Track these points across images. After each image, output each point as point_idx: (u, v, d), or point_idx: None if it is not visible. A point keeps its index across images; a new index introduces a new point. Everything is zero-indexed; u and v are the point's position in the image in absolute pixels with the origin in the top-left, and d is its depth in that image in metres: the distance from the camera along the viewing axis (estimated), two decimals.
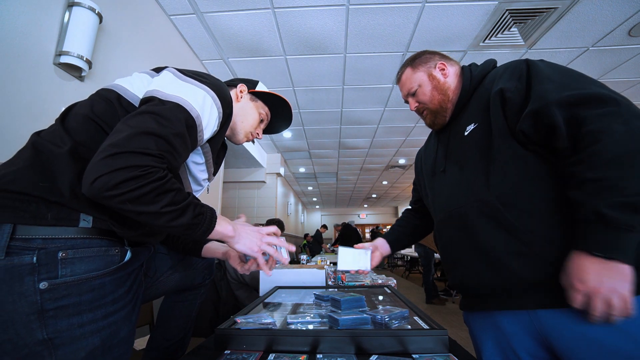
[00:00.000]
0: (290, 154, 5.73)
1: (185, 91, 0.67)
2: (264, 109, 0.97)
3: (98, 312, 0.60)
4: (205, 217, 0.65)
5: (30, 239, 0.55)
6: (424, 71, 0.94)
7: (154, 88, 0.66)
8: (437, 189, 0.95)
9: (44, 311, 0.54)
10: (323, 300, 1.00)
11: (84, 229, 0.60)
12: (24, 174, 0.57)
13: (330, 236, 13.52)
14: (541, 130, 0.68)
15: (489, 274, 0.75)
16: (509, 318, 0.75)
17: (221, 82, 0.79)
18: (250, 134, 0.95)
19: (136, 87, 0.72)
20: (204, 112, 0.69)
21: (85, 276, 0.59)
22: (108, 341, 0.61)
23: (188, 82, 0.70)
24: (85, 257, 0.60)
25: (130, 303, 0.68)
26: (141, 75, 0.75)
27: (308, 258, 3.18)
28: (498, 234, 0.72)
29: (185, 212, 0.61)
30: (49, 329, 0.54)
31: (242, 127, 0.92)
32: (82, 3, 1.34)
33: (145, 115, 0.60)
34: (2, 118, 1.08)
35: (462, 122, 0.87)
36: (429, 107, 0.94)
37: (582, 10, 2.12)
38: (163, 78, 0.70)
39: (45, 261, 0.55)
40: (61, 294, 0.56)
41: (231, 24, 2.26)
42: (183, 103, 0.65)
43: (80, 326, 0.57)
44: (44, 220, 0.57)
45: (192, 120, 0.66)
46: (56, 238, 0.57)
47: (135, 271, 0.71)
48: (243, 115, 0.92)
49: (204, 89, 0.71)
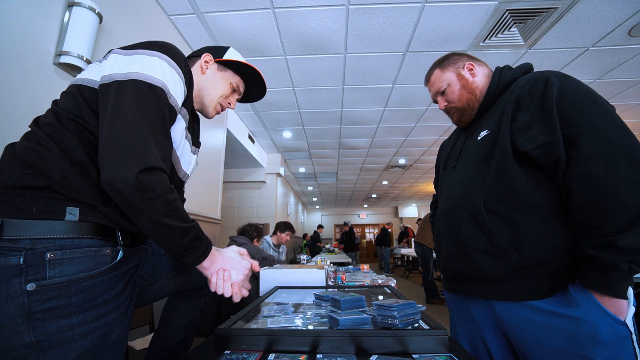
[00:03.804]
0: (290, 154, 5.73)
1: (138, 65, 0.67)
2: (234, 79, 0.93)
3: (88, 314, 0.59)
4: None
5: (17, 239, 0.54)
6: (452, 71, 0.97)
7: (108, 73, 0.66)
8: (445, 182, 1.03)
9: (31, 313, 0.53)
10: (323, 300, 1.00)
11: (72, 227, 0.59)
12: (7, 167, 0.58)
13: (330, 235, 13.53)
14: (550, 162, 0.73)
15: (460, 264, 0.87)
16: (479, 308, 0.87)
17: (168, 43, 0.77)
18: (220, 105, 0.93)
19: (90, 74, 0.71)
20: (167, 79, 0.69)
21: (74, 277, 0.57)
22: (99, 344, 0.60)
23: (137, 54, 0.69)
24: (75, 258, 0.58)
25: (123, 305, 0.67)
26: (93, 64, 0.75)
27: (308, 258, 3.18)
28: (474, 232, 0.82)
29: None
30: (36, 332, 0.53)
31: (209, 99, 0.90)
32: (82, 3, 1.34)
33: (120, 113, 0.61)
34: (2, 118, 1.08)
35: (480, 126, 0.92)
36: (456, 105, 0.98)
37: (582, 10, 2.12)
38: (112, 60, 0.68)
39: (32, 262, 0.54)
40: (49, 295, 0.55)
41: (231, 24, 2.26)
42: (143, 77, 0.65)
43: (69, 328, 0.56)
44: (29, 214, 0.56)
45: (161, 91, 0.67)
46: (44, 238, 0.56)
47: (129, 272, 0.70)
48: (210, 87, 0.89)
49: (155, 55, 0.70)
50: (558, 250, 0.71)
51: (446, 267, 0.94)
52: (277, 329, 0.75)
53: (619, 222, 0.62)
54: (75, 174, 0.61)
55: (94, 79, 0.69)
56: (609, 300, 0.65)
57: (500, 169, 0.79)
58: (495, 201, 0.79)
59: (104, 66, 0.69)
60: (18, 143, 0.64)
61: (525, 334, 0.74)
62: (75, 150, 0.62)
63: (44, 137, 0.62)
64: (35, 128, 0.65)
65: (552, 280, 0.72)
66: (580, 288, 0.68)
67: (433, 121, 4.15)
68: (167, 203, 0.62)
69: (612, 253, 0.62)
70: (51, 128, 0.63)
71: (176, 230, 0.64)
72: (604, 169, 0.64)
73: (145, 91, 0.65)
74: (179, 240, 0.65)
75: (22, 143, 0.63)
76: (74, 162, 0.62)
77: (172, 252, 0.67)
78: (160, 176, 0.62)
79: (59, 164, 0.60)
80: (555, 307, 0.71)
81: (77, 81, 0.71)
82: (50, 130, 0.63)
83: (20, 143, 0.63)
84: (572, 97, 0.72)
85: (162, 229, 0.63)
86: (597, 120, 0.68)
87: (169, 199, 0.63)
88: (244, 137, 4.33)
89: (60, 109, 0.66)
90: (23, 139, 0.64)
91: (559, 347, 0.69)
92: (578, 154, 0.67)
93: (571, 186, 0.68)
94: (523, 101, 0.78)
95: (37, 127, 0.65)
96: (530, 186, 0.75)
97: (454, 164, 0.98)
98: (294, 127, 4.35)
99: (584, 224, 0.67)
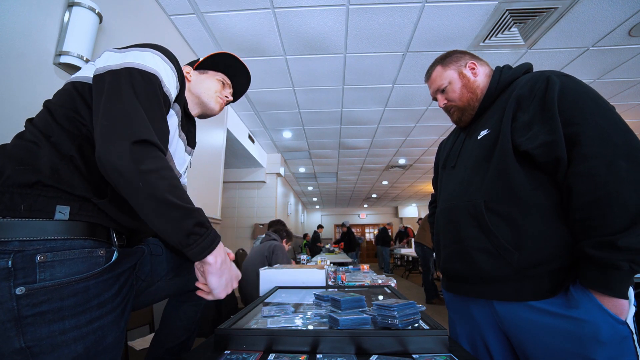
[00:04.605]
0: (290, 154, 5.73)
1: (132, 56, 0.68)
2: (217, 75, 0.96)
3: (82, 317, 0.57)
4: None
5: (6, 241, 0.52)
6: (454, 69, 0.96)
7: (102, 65, 0.66)
8: (444, 182, 1.02)
9: (21, 318, 0.51)
10: (323, 300, 1.00)
11: (63, 227, 0.57)
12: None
13: (330, 235, 13.53)
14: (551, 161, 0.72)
15: (460, 264, 0.86)
16: (479, 308, 0.86)
17: (161, 45, 0.79)
18: (219, 98, 0.96)
19: (84, 72, 0.71)
20: (159, 68, 0.70)
21: (66, 280, 0.56)
22: (93, 348, 0.58)
23: (130, 51, 0.70)
24: (67, 260, 0.56)
25: (118, 307, 0.65)
26: (87, 65, 0.75)
27: (308, 258, 3.18)
28: (475, 232, 0.82)
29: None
30: (27, 337, 0.51)
31: (207, 95, 0.93)
32: (82, 3, 1.34)
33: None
34: (2, 118, 1.08)
35: (479, 125, 0.91)
36: (457, 104, 0.97)
37: (582, 10, 2.12)
38: (105, 57, 0.69)
39: (21, 265, 0.52)
40: (40, 299, 0.53)
41: (231, 24, 2.26)
42: (137, 65, 0.66)
43: (62, 333, 0.54)
44: (17, 212, 0.54)
45: (155, 78, 0.67)
46: (34, 240, 0.54)
47: (125, 273, 0.69)
48: (201, 86, 0.92)
49: (148, 50, 0.71)
50: (559, 250, 0.71)
51: (446, 267, 0.93)
52: (277, 329, 0.75)
53: (619, 221, 0.62)
54: (66, 167, 0.60)
55: (88, 75, 0.69)
56: (609, 300, 0.65)
57: (500, 169, 0.79)
58: (495, 201, 0.79)
59: (97, 63, 0.69)
60: (10, 143, 0.63)
61: (526, 334, 0.74)
62: (64, 143, 0.61)
63: (36, 133, 0.62)
64: (28, 126, 0.65)
65: (553, 280, 0.72)
66: (581, 288, 0.68)
67: (433, 121, 4.15)
68: (164, 178, 0.58)
69: (612, 253, 0.62)
70: (43, 124, 0.63)
71: (176, 209, 0.58)
72: (604, 168, 0.64)
73: (139, 76, 0.65)
74: (180, 222, 0.58)
75: (13, 142, 0.63)
76: (64, 155, 0.61)
77: (174, 239, 0.59)
78: (156, 151, 0.60)
79: (50, 157, 0.59)
80: (556, 308, 0.70)
81: (71, 79, 0.71)
82: (41, 125, 0.63)
83: (12, 142, 0.63)
84: (573, 96, 0.72)
85: (160, 207, 0.57)
86: (598, 119, 0.68)
87: (166, 175, 0.59)
88: (244, 137, 4.33)
89: (53, 105, 0.66)
90: (15, 138, 0.64)
91: (559, 347, 0.69)
92: (579, 154, 0.67)
93: (572, 186, 0.68)
94: (524, 101, 0.78)
95: (31, 125, 0.64)
96: (530, 186, 0.75)
97: (454, 163, 0.98)
98: (294, 127, 4.35)
99: (584, 224, 0.67)
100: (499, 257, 0.77)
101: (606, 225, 0.63)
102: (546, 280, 0.72)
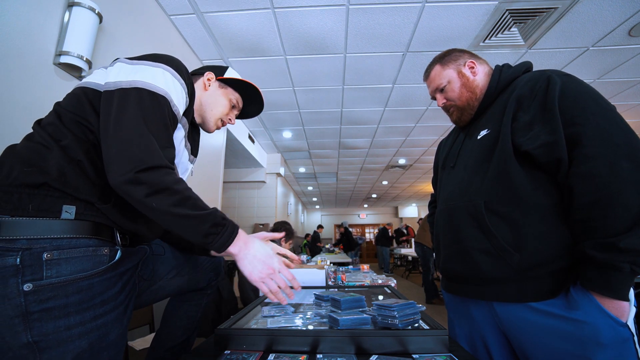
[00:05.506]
0: (290, 154, 5.73)
1: (142, 74, 0.68)
2: (234, 95, 0.97)
3: (86, 314, 0.59)
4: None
5: (14, 239, 0.54)
6: (453, 68, 0.95)
7: (113, 80, 0.67)
8: (444, 182, 1.01)
9: (28, 313, 0.53)
10: (323, 300, 1.00)
11: (69, 226, 0.59)
12: (6, 166, 0.59)
13: (330, 235, 13.52)
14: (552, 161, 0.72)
15: (460, 264, 0.86)
16: (479, 309, 0.86)
17: (173, 57, 0.80)
18: (221, 121, 0.96)
19: (95, 78, 0.72)
20: (169, 88, 0.71)
21: (72, 277, 0.58)
22: (96, 344, 0.60)
23: (142, 64, 0.71)
24: (72, 258, 0.58)
25: (121, 305, 0.67)
26: (99, 69, 0.76)
27: (308, 258, 3.18)
28: (474, 233, 0.81)
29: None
30: (33, 332, 0.53)
31: (211, 114, 0.93)
32: (82, 3, 1.34)
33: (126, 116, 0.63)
34: (2, 118, 1.08)
35: (479, 125, 0.91)
36: (456, 103, 0.96)
37: (582, 10, 2.12)
38: (117, 69, 0.70)
39: (29, 262, 0.54)
40: (47, 295, 0.55)
41: (231, 24, 2.26)
42: (146, 86, 0.67)
43: (67, 329, 0.56)
44: (25, 212, 0.56)
45: (164, 99, 0.69)
46: (41, 238, 0.56)
47: (128, 272, 0.70)
48: (212, 103, 0.92)
49: (159, 66, 0.72)
50: (559, 251, 0.71)
51: (446, 267, 0.93)
52: (277, 329, 0.75)
53: (620, 222, 0.61)
54: (73, 170, 0.62)
55: (98, 82, 0.71)
56: (610, 301, 0.64)
57: (500, 169, 0.78)
58: (495, 201, 0.78)
59: (109, 73, 0.71)
60: (19, 144, 0.65)
61: (526, 336, 0.74)
62: (73, 148, 0.63)
63: (45, 137, 0.63)
64: (37, 128, 0.66)
65: (553, 281, 0.72)
66: (581, 289, 0.68)
67: (433, 121, 4.15)
68: (175, 193, 0.63)
69: (613, 254, 0.61)
70: (52, 127, 0.65)
71: (191, 219, 0.64)
72: (606, 169, 0.64)
73: (148, 98, 0.67)
74: (195, 228, 0.65)
75: (23, 143, 0.64)
76: (72, 159, 0.63)
77: (195, 241, 0.67)
78: (164, 171, 0.63)
79: (58, 160, 0.61)
80: (556, 309, 0.70)
81: (82, 84, 0.72)
82: (51, 129, 0.64)
83: (21, 143, 0.64)
84: (574, 96, 0.71)
85: (175, 220, 0.63)
86: (599, 120, 0.67)
87: (176, 189, 0.64)
88: (244, 137, 4.33)
89: (62, 109, 0.67)
90: (24, 140, 0.65)
91: (560, 349, 0.69)
92: (580, 154, 0.67)
93: (573, 186, 0.68)
94: (524, 100, 0.77)
95: (40, 127, 0.66)
96: (531, 186, 0.74)
97: (453, 163, 0.97)
98: (294, 127, 4.35)
99: (585, 224, 0.66)
100: (498, 257, 0.76)
101: (607, 226, 0.62)
102: (547, 282, 0.72)
